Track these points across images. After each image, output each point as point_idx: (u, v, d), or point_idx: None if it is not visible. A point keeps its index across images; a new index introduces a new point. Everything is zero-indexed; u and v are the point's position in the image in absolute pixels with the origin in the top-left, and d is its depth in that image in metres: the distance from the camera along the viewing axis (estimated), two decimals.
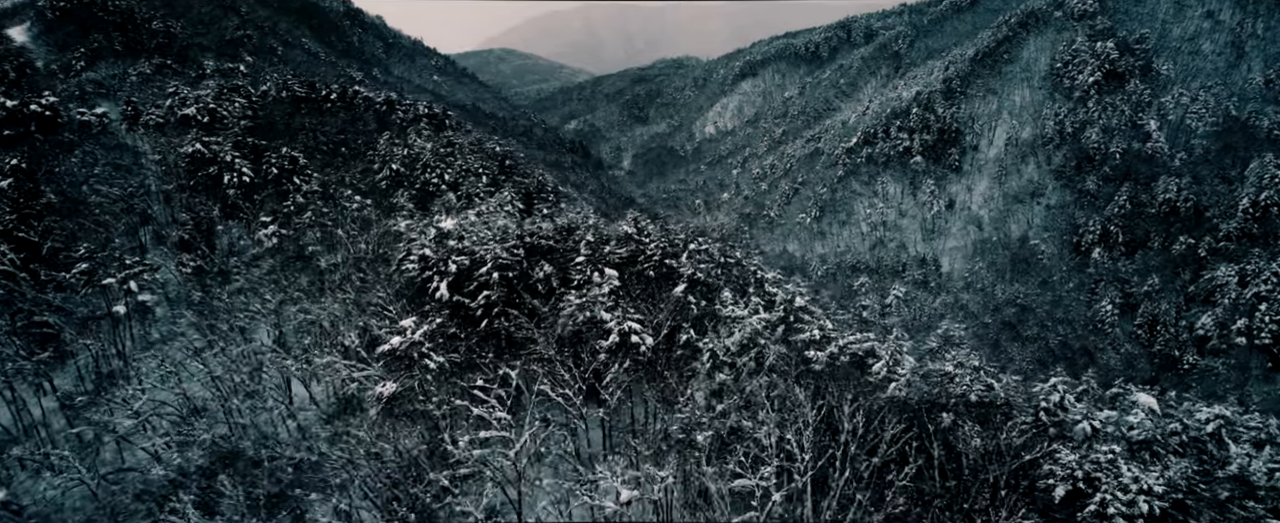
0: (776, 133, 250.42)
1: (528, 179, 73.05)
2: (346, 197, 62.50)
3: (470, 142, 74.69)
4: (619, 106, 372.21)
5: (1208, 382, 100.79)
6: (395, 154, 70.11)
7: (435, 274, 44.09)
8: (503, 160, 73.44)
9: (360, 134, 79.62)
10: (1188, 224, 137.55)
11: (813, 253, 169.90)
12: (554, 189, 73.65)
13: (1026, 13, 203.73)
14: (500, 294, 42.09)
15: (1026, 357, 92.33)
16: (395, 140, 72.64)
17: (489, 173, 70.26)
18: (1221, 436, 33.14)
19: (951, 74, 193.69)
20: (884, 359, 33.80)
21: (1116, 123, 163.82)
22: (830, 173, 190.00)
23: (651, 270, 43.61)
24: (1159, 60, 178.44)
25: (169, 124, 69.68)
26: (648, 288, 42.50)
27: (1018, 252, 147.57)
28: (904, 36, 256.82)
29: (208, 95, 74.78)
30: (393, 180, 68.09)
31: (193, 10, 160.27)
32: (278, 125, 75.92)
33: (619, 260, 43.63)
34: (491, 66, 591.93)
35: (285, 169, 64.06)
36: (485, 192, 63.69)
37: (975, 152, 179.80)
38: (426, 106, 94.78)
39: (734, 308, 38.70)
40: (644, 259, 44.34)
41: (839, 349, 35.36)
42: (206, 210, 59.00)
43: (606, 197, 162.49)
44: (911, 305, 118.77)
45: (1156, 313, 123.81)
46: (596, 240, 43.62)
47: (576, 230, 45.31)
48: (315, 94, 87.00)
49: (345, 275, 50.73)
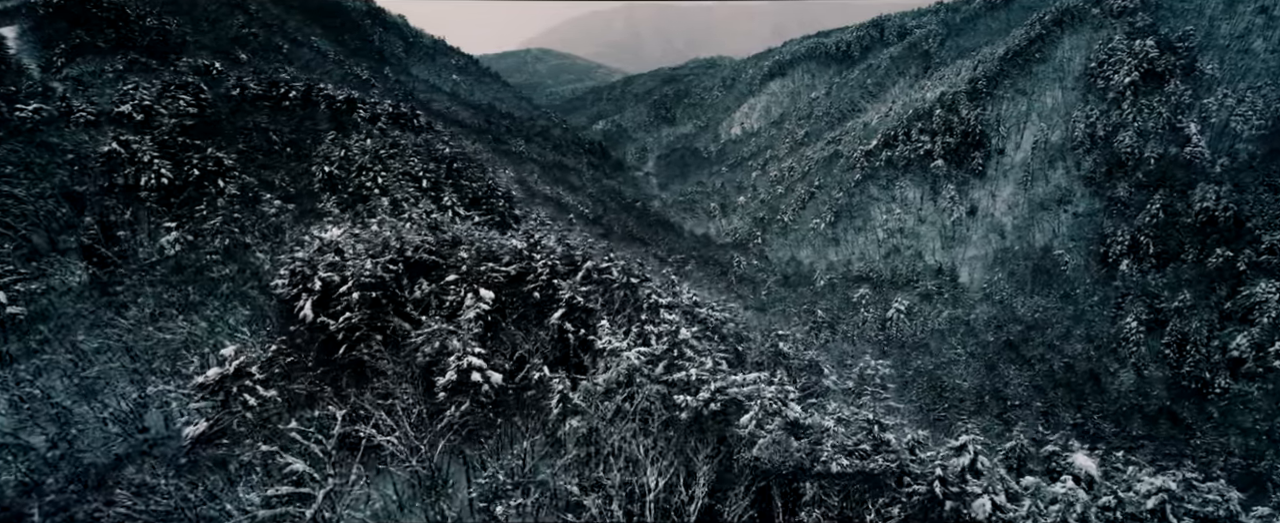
0: (799, 134, 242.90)
1: (476, 182, 68.55)
2: (267, 201, 58.73)
3: (417, 142, 70.43)
4: (647, 107, 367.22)
5: (1235, 412, 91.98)
6: (333, 156, 66.30)
7: (303, 291, 39.77)
8: (450, 162, 69.03)
9: (310, 134, 76.19)
10: (1226, 235, 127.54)
11: (826, 260, 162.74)
12: (506, 194, 68.93)
13: (1062, 10, 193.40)
14: (363, 316, 37.53)
15: (1023, 381, 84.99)
16: (338, 141, 68.92)
17: (431, 176, 65.94)
18: (1166, 514, 26.93)
19: (978, 74, 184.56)
20: (753, 410, 28.28)
21: (1153, 126, 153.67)
22: (848, 177, 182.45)
23: (537, 292, 38.68)
24: (1203, 59, 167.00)
25: (100, 122, 66.83)
26: (528, 313, 37.58)
27: (1040, 262, 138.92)
28: (934, 35, 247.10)
29: (148, 93, 71.88)
30: (326, 183, 64.27)
31: (199, 8, 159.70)
32: (223, 125, 72.81)
33: (501, 280, 38.74)
34: (528, 67, 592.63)
35: (208, 171, 60.58)
36: (415, 196, 59.38)
37: (1000, 156, 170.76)
38: (391, 105, 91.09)
39: (611, 339, 33.52)
40: (532, 279, 39.40)
41: (711, 395, 29.93)
42: (118, 214, 55.69)
43: (608, 201, 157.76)
44: (913, 320, 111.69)
45: (1187, 331, 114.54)
46: (475, 256, 38.77)
47: (461, 244, 40.53)
48: (275, 92, 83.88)
49: (234, 290, 46.79)
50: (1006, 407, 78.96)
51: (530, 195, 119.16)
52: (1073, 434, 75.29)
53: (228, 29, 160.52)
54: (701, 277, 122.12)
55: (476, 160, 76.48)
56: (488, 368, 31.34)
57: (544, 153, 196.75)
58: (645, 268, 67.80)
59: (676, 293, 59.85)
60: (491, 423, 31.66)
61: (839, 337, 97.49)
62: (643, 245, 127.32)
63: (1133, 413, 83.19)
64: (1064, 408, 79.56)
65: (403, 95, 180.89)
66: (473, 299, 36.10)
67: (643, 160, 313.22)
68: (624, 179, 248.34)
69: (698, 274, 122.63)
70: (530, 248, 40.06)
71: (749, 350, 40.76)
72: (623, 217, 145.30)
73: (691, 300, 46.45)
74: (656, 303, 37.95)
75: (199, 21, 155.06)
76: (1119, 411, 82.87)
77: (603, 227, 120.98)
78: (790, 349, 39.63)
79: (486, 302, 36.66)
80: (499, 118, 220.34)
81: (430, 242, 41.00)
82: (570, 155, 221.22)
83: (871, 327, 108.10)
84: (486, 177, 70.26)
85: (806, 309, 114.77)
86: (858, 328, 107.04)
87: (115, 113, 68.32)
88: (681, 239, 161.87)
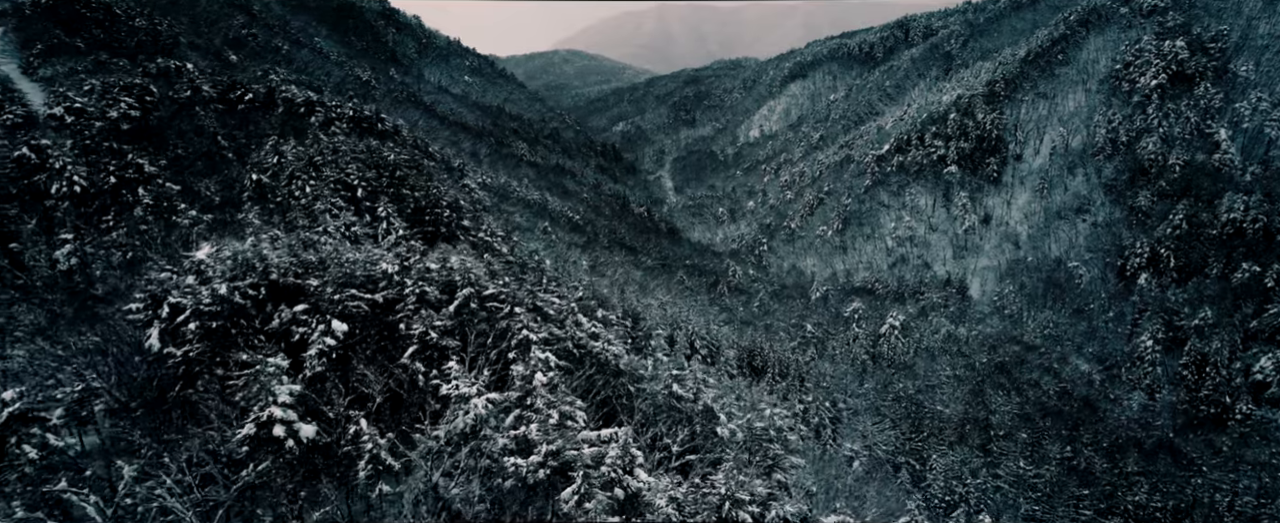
0: (814, 138, 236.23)
1: (419, 192, 64.84)
2: (182, 211, 55.52)
3: (359, 149, 66.87)
4: (668, 109, 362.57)
5: (1251, 444, 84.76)
6: (266, 162, 63.03)
7: (154, 318, 36.11)
8: (393, 170, 65.39)
9: (257, 138, 73.33)
10: (1255, 249, 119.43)
11: (831, 269, 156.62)
12: (454, 203, 65.12)
13: (1088, 9, 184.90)
14: (204, 349, 33.70)
15: (1011, 410, 78.64)
16: (275, 146, 65.68)
17: (368, 185, 62.34)
18: None
19: (997, 76, 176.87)
20: (577, 482, 23.80)
21: (1180, 131, 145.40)
22: (858, 182, 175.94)
23: (402, 324, 34.57)
24: (1238, 60, 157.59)
25: (29, 125, 64.29)
26: (388, 349, 33.51)
27: (1052, 274, 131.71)
28: (957, 36, 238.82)
29: (89, 95, 69.30)
30: (256, 193, 60.97)
31: (200, 8, 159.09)
32: (167, 129, 70.04)
33: (363, 310, 34.67)
34: (556, 68, 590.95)
35: (127, 178, 57.50)
36: (338, 208, 55.70)
37: (1018, 162, 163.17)
38: (353, 107, 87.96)
39: (459, 383, 29.30)
40: (402, 307, 35.30)
41: (543, 458, 25.51)
42: (21, 224, 52.78)
43: (604, 206, 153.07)
44: (909, 336, 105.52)
45: (1207, 352, 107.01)
46: (335, 281, 34.81)
47: (328, 265, 36.58)
48: (232, 94, 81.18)
49: (117, 311, 43.36)
50: (990, 437, 73.22)
51: (510, 202, 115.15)
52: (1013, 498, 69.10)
53: (227, 30, 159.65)
54: (690, 287, 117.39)
55: (425, 168, 72.83)
56: (298, 420, 27.27)
57: (549, 156, 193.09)
58: (625, 285, 63.51)
59: (607, 321, 55.44)
60: (293, 488, 27.63)
61: (825, 356, 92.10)
62: (631, 254, 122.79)
63: (1129, 447, 76.68)
64: (1052, 440, 73.44)
65: (405, 97, 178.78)
66: (322, 332, 32.09)
67: (660, 163, 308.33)
68: (635, 182, 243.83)
69: (687, 284, 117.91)
70: (402, 271, 35.97)
71: (641, 393, 36.14)
72: (614, 223, 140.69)
73: (589, 330, 41.95)
74: (527, 340, 33.58)
75: (198, 23, 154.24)
76: (1115, 443, 76.39)
77: (586, 235, 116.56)
78: (689, 390, 34.95)
79: (337, 335, 32.59)
80: (506, 120, 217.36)
81: (296, 263, 37.08)
82: (578, 159, 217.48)
83: (863, 344, 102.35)
84: (432, 185, 66.38)
85: (795, 324, 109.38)
86: (847, 346, 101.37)
87: (47, 115, 65.80)
88: (679, 247, 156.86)
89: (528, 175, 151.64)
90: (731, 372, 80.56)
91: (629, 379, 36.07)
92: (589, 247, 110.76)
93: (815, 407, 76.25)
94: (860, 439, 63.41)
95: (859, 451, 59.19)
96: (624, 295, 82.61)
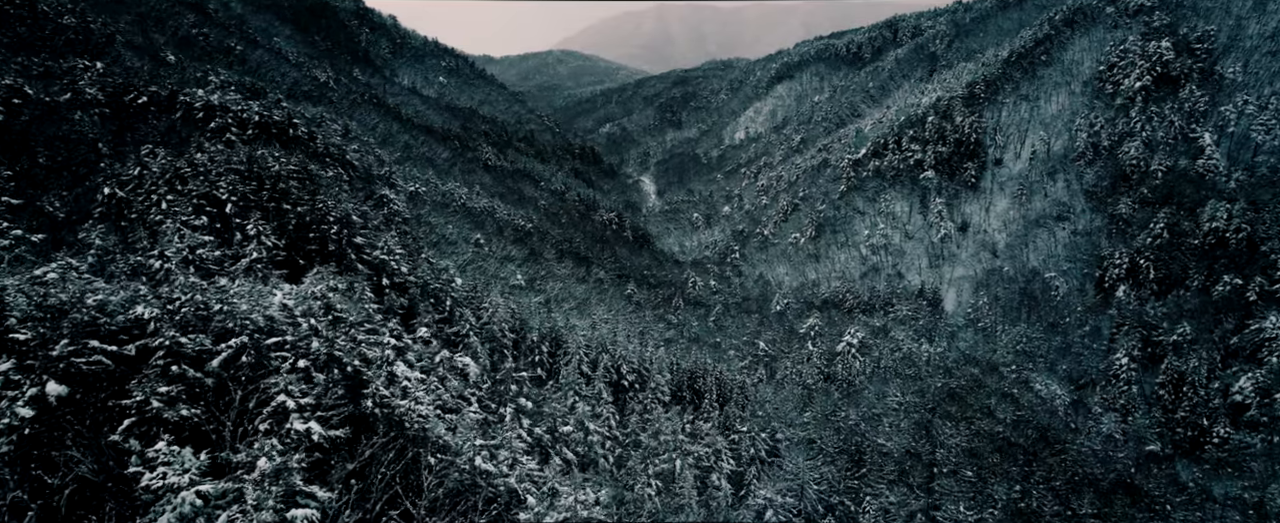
0: (795, 141, 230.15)
1: (302, 206, 59.04)
2: (2, 231, 49.61)
3: (239, 158, 61.10)
4: (655, 110, 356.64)
5: (1223, 477, 78.59)
6: (126, 175, 57.30)
7: None
8: (275, 183, 59.60)
9: (134, 148, 67.70)
10: (1237, 260, 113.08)
11: (802, 278, 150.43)
12: (344, 218, 59.32)
13: (1073, 8, 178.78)
14: None
15: (960, 442, 72.59)
16: (137, 158, 60.01)
17: (240, 200, 56.53)
18: None
19: (977, 77, 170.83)
20: None
21: (1163, 135, 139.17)
22: (833, 187, 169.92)
23: (128, 389, 28.64)
24: (1225, 62, 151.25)
25: None
26: (102, 421, 27.61)
27: (1027, 286, 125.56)
28: (943, 36, 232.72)
29: None
30: (109, 209, 55.23)
31: (145, 5, 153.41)
32: (32, 136, 64.34)
33: (102, 369, 28.77)
34: (549, 69, 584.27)
35: None
36: (188, 229, 49.84)
37: (997, 166, 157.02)
38: (261, 112, 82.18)
39: (167, 471, 23.39)
40: (152, 363, 29.39)
41: None
42: None
43: (559, 217, 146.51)
44: (867, 355, 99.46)
45: (1185, 370, 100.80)
46: (71, 328, 28.95)
47: (67, 308, 30.61)
48: (124, 96, 75.55)
49: None
50: (933, 475, 67.27)
51: (448, 212, 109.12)
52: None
53: (175, 29, 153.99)
54: (639, 302, 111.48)
55: (319, 178, 66.99)
56: None
57: (517, 160, 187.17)
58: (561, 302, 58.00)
59: (464, 369, 49.80)
60: None
61: (773, 380, 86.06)
62: (584, 265, 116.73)
63: (1083, 486, 70.66)
64: (1000, 478, 67.41)
65: (366, 100, 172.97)
66: (22, 400, 26.23)
67: (644, 166, 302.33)
68: (613, 187, 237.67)
69: (637, 299, 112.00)
70: (159, 318, 30.04)
71: (445, 466, 30.17)
72: (569, 232, 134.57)
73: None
74: (285, 406, 27.73)
75: (145, 21, 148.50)
76: (1069, 482, 70.37)
77: (529, 247, 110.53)
78: (494, 464, 29.04)
79: (52, 397, 26.74)
80: (478, 122, 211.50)
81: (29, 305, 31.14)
82: (552, 162, 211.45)
83: (816, 364, 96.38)
84: (319, 198, 60.53)
85: (747, 342, 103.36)
86: (799, 366, 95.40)
87: None
88: (640, 256, 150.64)
89: (483, 181, 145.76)
90: (663, 399, 74.69)
91: (431, 449, 30.19)
92: (532, 260, 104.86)
93: (751, 437, 70.35)
94: (785, 481, 57.53)
95: (774, 498, 53.28)
96: (550, 315, 76.71)
